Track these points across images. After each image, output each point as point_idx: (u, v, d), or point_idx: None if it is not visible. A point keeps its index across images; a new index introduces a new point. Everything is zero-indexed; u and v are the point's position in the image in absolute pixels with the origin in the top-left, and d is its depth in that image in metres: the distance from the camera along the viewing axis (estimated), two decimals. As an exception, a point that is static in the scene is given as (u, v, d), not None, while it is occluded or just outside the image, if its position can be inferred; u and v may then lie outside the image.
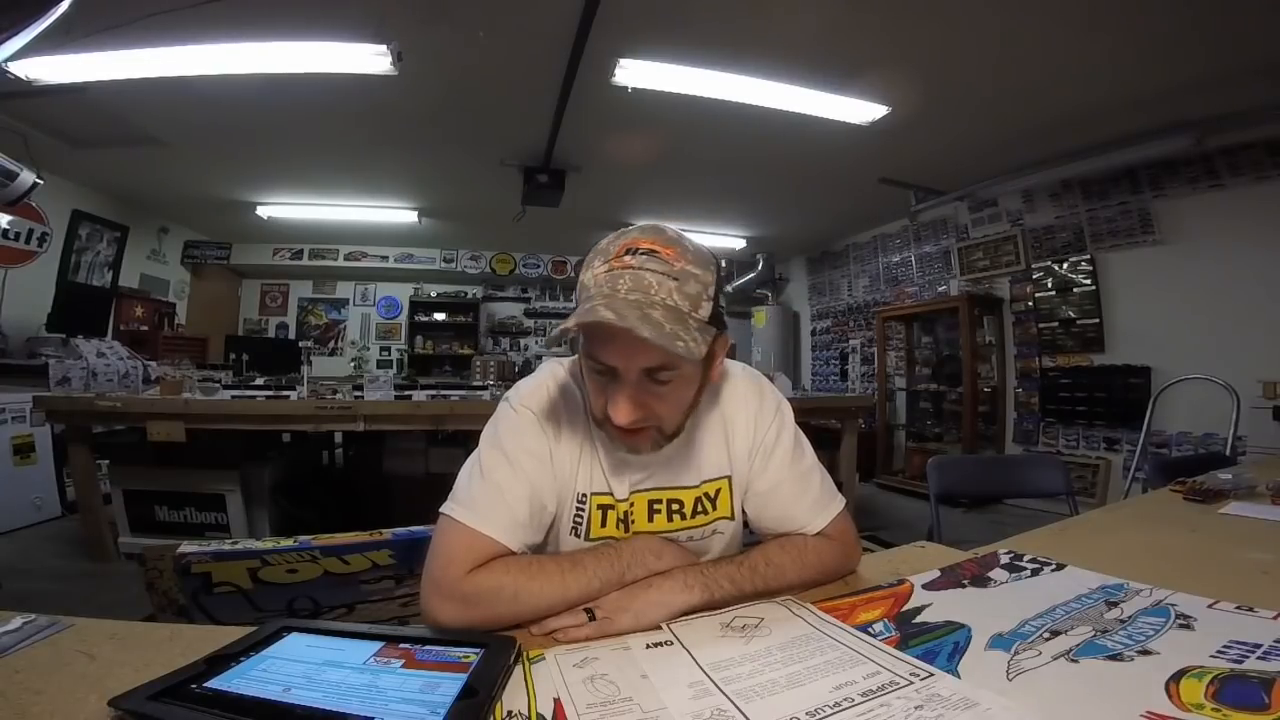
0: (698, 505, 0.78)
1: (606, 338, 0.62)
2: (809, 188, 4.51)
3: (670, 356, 0.60)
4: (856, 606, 0.67)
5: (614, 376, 0.65)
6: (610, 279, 0.62)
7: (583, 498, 0.75)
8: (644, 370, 0.64)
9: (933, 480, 1.61)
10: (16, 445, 3.22)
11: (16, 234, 3.93)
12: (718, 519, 0.80)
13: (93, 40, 2.37)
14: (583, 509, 0.75)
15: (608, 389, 0.66)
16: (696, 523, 0.78)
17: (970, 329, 4.38)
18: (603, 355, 0.64)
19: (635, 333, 0.57)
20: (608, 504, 0.76)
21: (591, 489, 0.76)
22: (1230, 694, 0.45)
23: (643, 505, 0.77)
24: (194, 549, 1.08)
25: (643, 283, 0.61)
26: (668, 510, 0.77)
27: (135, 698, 0.45)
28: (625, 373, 0.64)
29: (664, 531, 0.77)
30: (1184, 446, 3.38)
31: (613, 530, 0.76)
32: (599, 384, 0.67)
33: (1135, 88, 2.83)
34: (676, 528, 0.78)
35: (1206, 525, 1.02)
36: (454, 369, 6.31)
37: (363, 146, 3.76)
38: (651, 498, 0.77)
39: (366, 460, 3.22)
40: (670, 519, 0.77)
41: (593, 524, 0.76)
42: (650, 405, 0.66)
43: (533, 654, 0.57)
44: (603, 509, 0.76)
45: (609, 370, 0.65)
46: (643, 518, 0.77)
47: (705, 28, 2.47)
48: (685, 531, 0.78)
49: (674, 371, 0.65)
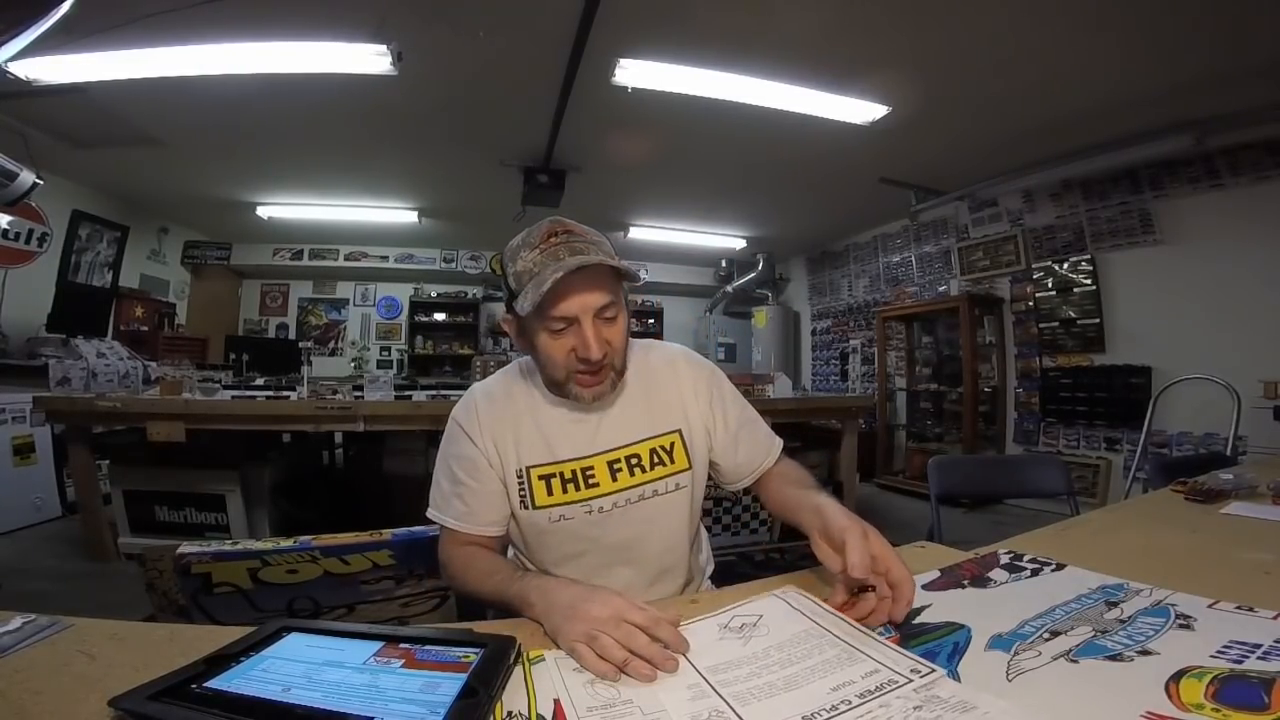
0: (654, 457, 0.88)
1: (564, 294, 0.76)
2: (809, 188, 4.51)
3: (614, 291, 0.80)
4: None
5: (574, 326, 0.78)
6: (550, 256, 0.77)
7: (522, 473, 0.86)
8: (597, 310, 0.79)
9: (933, 480, 1.61)
10: (16, 445, 3.23)
11: (16, 234, 3.93)
12: (676, 472, 0.89)
13: (93, 40, 2.37)
14: (523, 482, 0.86)
15: (573, 339, 0.79)
16: (657, 474, 0.88)
17: (970, 329, 4.38)
18: (563, 309, 0.77)
19: (604, 263, 0.76)
20: (549, 473, 0.86)
21: (528, 462, 0.86)
22: (1230, 694, 0.45)
23: (603, 467, 0.86)
24: (194, 549, 1.09)
25: (575, 250, 0.77)
26: (628, 466, 0.87)
27: (135, 698, 0.45)
28: (583, 317, 0.78)
29: (629, 487, 0.87)
30: (1185, 446, 3.38)
31: (559, 497, 0.85)
32: (559, 343, 0.80)
33: (1135, 88, 2.83)
34: (639, 481, 0.87)
35: (1207, 525, 1.01)
36: (454, 369, 6.32)
37: (363, 147, 3.76)
38: (610, 458, 0.87)
39: (366, 460, 3.22)
40: (632, 473, 0.87)
41: (536, 494, 0.85)
42: (607, 339, 0.80)
43: (533, 654, 0.57)
44: (545, 479, 0.86)
45: (570, 322, 0.78)
46: (606, 478, 0.86)
47: (705, 27, 2.47)
48: (650, 485, 0.87)
49: (617, 307, 0.81)
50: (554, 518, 0.86)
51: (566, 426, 0.87)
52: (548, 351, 0.81)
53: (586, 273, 0.77)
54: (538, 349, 0.83)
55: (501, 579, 0.75)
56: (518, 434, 0.87)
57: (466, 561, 0.83)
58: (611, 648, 0.54)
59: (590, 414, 0.88)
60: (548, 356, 0.82)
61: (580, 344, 0.79)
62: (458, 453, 0.88)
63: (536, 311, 0.77)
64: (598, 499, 0.86)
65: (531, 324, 0.81)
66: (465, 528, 0.86)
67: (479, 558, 0.83)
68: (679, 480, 0.90)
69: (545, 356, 0.82)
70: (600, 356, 0.79)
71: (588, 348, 0.78)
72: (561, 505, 0.85)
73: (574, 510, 0.86)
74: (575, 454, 0.87)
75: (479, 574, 0.79)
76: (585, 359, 0.79)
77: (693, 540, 0.96)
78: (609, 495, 0.86)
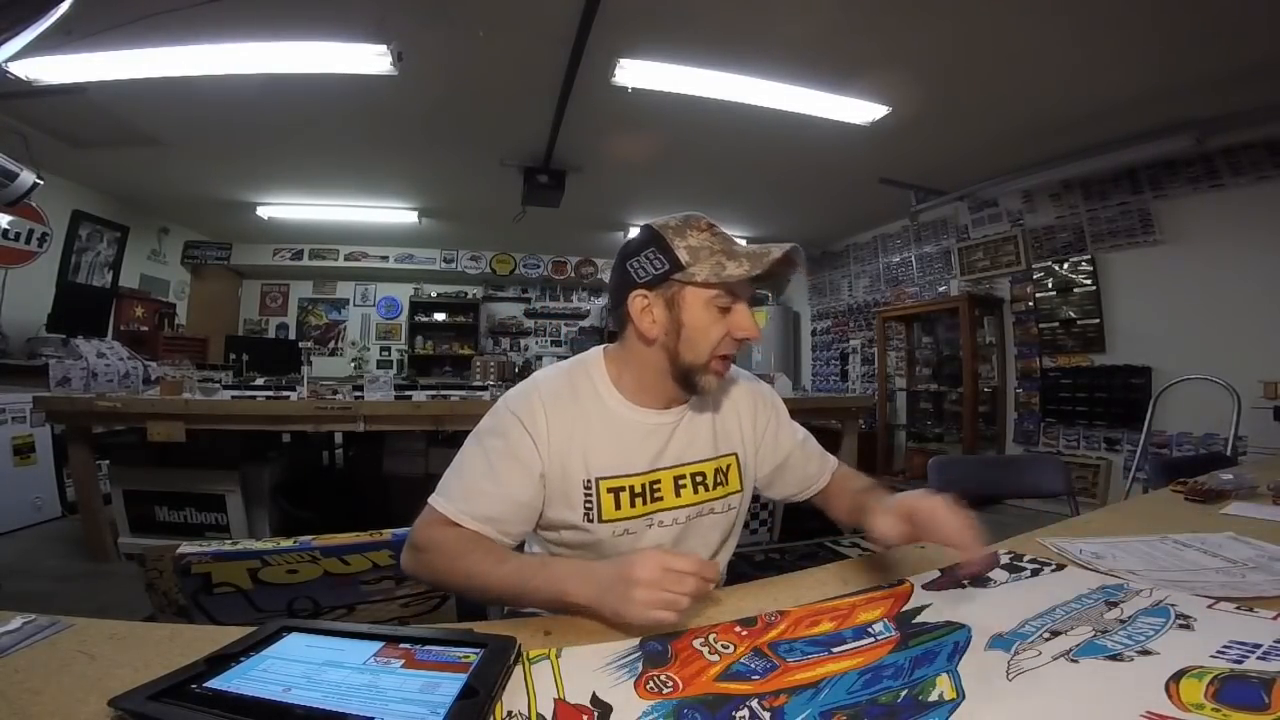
0: (717, 477, 0.87)
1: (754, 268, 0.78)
2: (809, 188, 4.51)
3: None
4: (856, 607, 0.67)
5: (735, 308, 0.80)
6: (721, 238, 0.80)
7: (589, 484, 0.80)
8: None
9: (933, 480, 1.61)
10: (16, 445, 3.22)
11: (16, 234, 3.93)
12: (731, 493, 0.89)
13: (93, 40, 2.37)
14: (590, 494, 0.80)
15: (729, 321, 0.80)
16: (717, 494, 0.87)
17: (970, 329, 4.38)
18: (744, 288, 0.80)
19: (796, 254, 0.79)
20: (619, 486, 0.81)
21: (599, 474, 0.80)
22: (1230, 694, 0.45)
23: (669, 482, 0.84)
24: (194, 549, 1.09)
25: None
26: (693, 483, 0.85)
27: (135, 698, 0.45)
28: (744, 296, 0.81)
29: (692, 505, 0.85)
30: (1184, 447, 3.38)
31: (626, 510, 0.81)
32: (719, 324, 0.80)
33: (1135, 88, 2.83)
34: (702, 499, 0.86)
35: (1207, 525, 1.01)
36: (454, 369, 6.31)
37: (363, 147, 3.76)
38: (676, 474, 0.85)
39: (366, 460, 3.21)
40: (696, 490, 0.85)
41: (604, 507, 0.80)
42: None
43: (533, 654, 0.57)
44: (614, 492, 0.81)
45: (737, 298, 0.80)
46: (670, 493, 0.84)
47: (705, 27, 2.47)
48: (709, 503, 0.86)
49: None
50: (618, 531, 0.81)
51: (641, 437, 0.84)
52: (706, 330, 0.79)
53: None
54: (686, 327, 0.80)
55: (517, 567, 0.70)
56: (587, 442, 0.81)
57: (461, 547, 0.73)
58: (679, 600, 0.59)
59: (665, 425, 0.85)
60: (703, 334, 0.79)
61: (741, 325, 0.80)
62: (506, 448, 0.79)
63: (723, 285, 0.78)
64: (660, 513, 0.83)
65: (693, 301, 0.79)
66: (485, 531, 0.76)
67: (481, 544, 0.74)
68: (732, 501, 0.89)
69: (699, 334, 0.79)
70: (759, 333, 0.83)
71: (753, 329, 0.80)
72: (627, 520, 0.82)
73: (638, 525, 0.82)
74: (646, 466, 0.83)
75: (482, 560, 0.71)
76: (744, 340, 0.81)
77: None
78: (671, 510, 0.84)
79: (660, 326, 0.81)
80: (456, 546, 0.73)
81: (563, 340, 7.21)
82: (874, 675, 0.52)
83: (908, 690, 0.49)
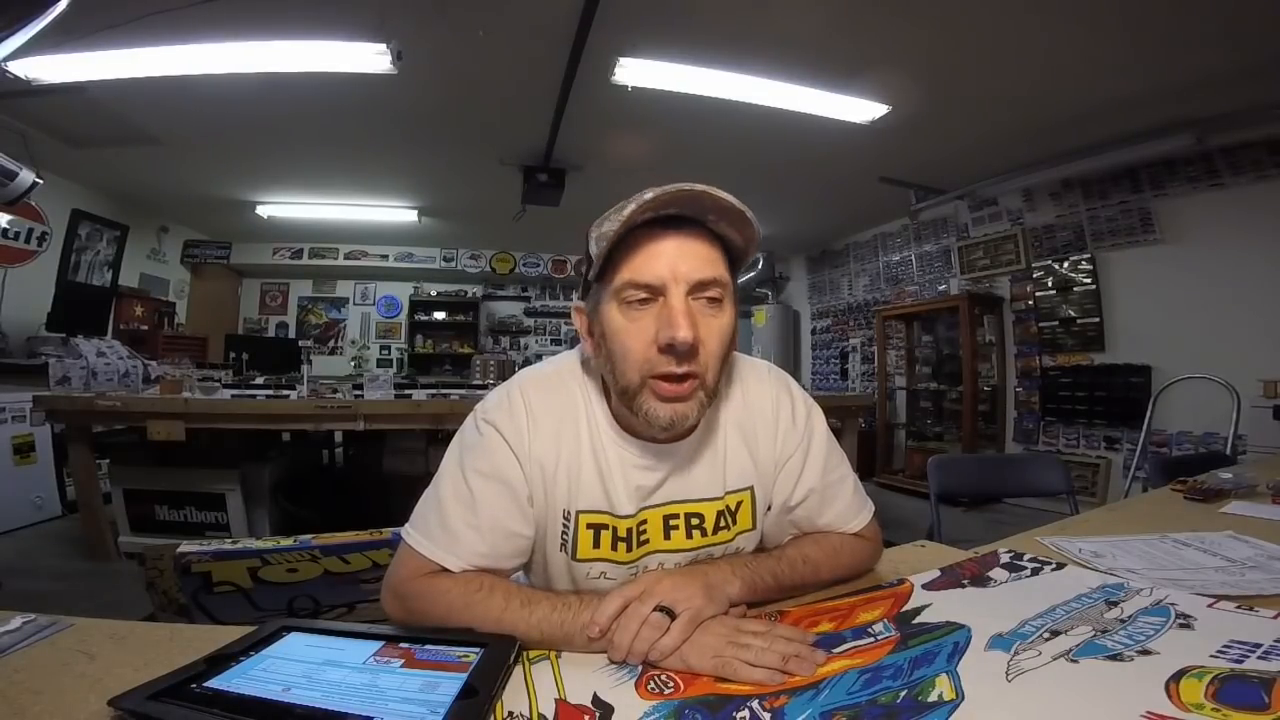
0: (720, 520, 0.71)
1: (646, 245, 0.60)
2: (809, 186, 4.50)
3: (721, 268, 0.61)
4: (856, 607, 0.67)
5: (660, 299, 0.60)
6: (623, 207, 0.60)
7: (569, 515, 0.68)
8: (694, 284, 0.60)
9: (933, 479, 1.61)
10: (16, 445, 3.23)
11: (16, 233, 3.92)
12: (739, 533, 0.73)
13: (92, 40, 2.36)
14: (568, 526, 0.69)
15: (655, 320, 0.60)
16: (718, 539, 0.72)
17: (970, 328, 4.38)
18: (650, 270, 0.59)
19: (712, 192, 0.56)
20: (600, 524, 0.68)
21: (579, 506, 0.68)
22: (1230, 694, 0.45)
23: (657, 522, 0.70)
24: (194, 548, 1.08)
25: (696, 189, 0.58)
26: (686, 526, 0.70)
27: (135, 697, 0.45)
28: (673, 286, 0.59)
29: (682, 550, 0.71)
30: (1184, 446, 3.38)
31: (607, 553, 0.69)
32: (635, 327, 0.61)
33: (1135, 87, 2.83)
34: (696, 545, 0.71)
35: (1207, 525, 1.02)
36: (454, 368, 6.31)
37: (362, 146, 3.76)
38: (667, 513, 0.70)
39: (366, 460, 3.22)
40: (689, 535, 0.71)
41: (580, 544, 0.69)
42: (700, 331, 0.60)
43: (533, 654, 0.57)
44: (594, 529, 0.68)
45: (655, 292, 0.60)
46: (658, 535, 0.70)
47: (705, 26, 2.46)
48: (707, 549, 0.72)
49: (724, 291, 0.62)
50: (594, 574, 0.70)
51: (631, 474, 0.69)
52: (620, 340, 0.62)
53: (686, 232, 0.59)
54: (608, 339, 0.63)
55: (550, 608, 0.58)
56: (573, 469, 0.68)
57: (465, 598, 0.60)
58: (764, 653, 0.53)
59: (662, 464, 0.69)
60: (620, 347, 0.62)
61: (664, 321, 0.59)
62: (490, 469, 0.66)
63: (604, 274, 0.60)
64: (645, 557, 0.70)
65: (606, 303, 0.63)
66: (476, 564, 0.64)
67: (484, 585, 0.61)
68: (739, 543, 0.74)
69: (617, 347, 0.62)
70: (689, 340, 0.58)
71: (673, 324, 0.58)
72: (606, 562, 0.70)
73: (618, 571, 0.70)
74: (634, 508, 0.69)
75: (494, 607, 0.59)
76: (670, 344, 0.58)
77: None
78: (656, 554, 0.71)
79: (593, 345, 0.67)
80: (457, 598, 0.61)
81: (563, 339, 7.21)
82: (874, 675, 0.52)
83: (907, 691, 0.49)
